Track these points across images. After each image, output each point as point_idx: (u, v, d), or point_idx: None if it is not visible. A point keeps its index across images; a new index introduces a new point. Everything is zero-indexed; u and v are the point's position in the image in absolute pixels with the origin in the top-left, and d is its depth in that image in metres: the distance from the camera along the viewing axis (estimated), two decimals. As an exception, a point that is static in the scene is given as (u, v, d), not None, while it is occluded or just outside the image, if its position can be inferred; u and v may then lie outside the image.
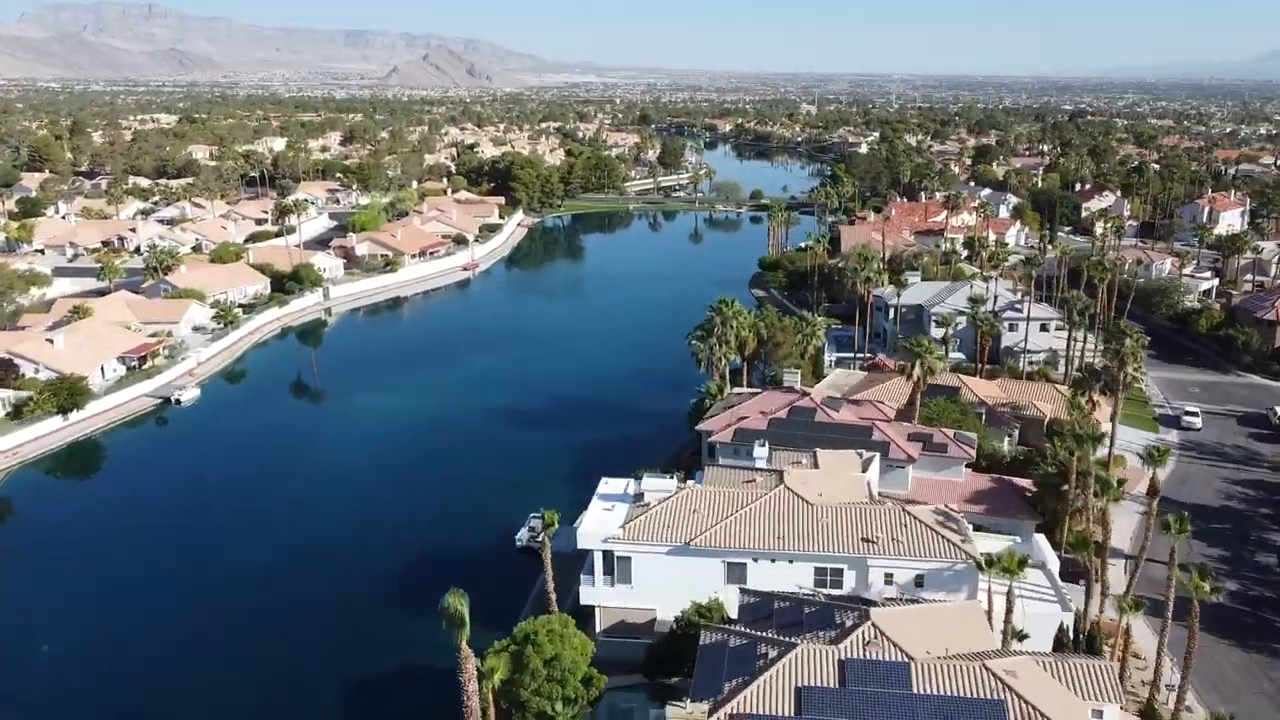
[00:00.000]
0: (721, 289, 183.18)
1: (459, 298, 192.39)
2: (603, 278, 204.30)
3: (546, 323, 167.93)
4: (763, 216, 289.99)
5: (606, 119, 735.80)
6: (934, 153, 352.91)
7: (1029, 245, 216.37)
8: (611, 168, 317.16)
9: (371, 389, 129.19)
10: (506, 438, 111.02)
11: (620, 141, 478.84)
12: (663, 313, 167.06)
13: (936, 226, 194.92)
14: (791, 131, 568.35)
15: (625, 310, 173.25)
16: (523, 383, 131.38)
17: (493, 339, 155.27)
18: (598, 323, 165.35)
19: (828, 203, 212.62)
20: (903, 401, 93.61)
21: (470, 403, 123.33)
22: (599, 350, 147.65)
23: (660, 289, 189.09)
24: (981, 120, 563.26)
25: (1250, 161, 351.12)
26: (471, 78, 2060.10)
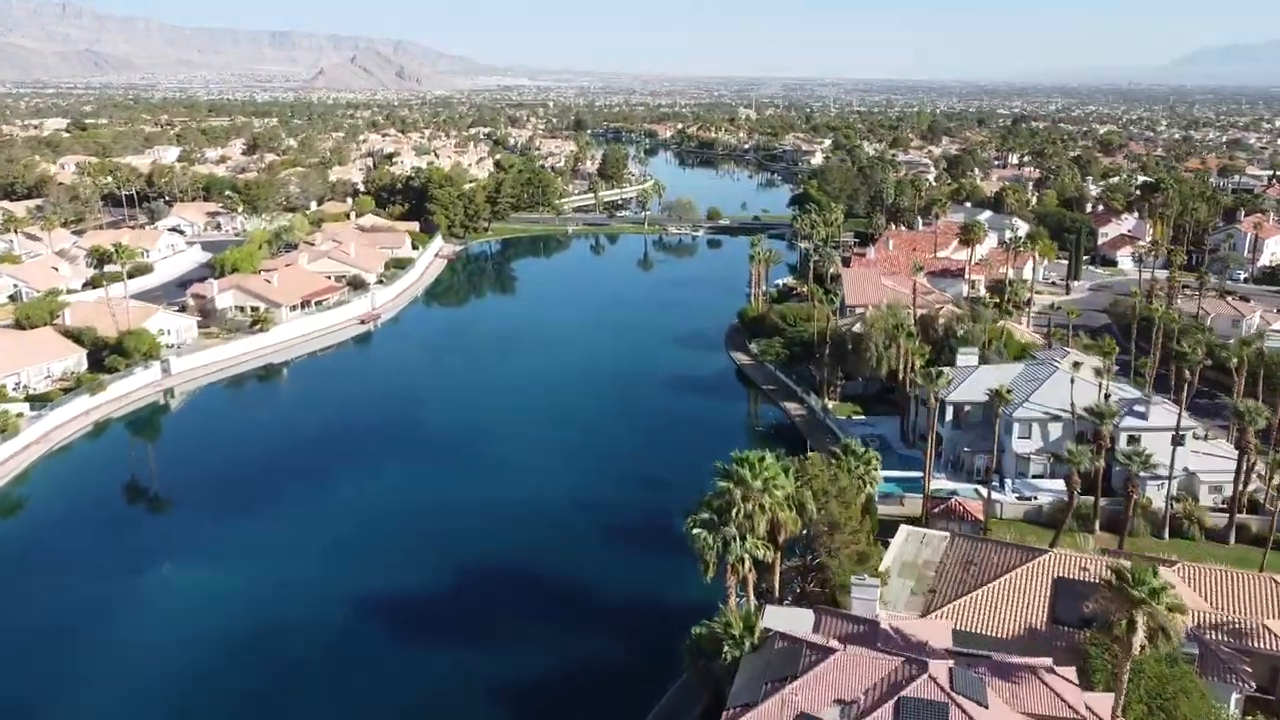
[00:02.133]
0: (693, 352, 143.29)
1: (353, 360, 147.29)
2: (538, 328, 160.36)
3: (462, 405, 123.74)
4: (721, 240, 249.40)
5: (540, 124, 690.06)
6: (902, 164, 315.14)
7: (1049, 280, 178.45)
8: (547, 183, 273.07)
9: (197, 545, 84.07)
10: (385, 655, 67.29)
11: (555, 149, 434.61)
12: (620, 389, 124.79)
13: (954, 265, 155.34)
14: (737, 138, 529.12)
15: (569, 384, 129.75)
16: (421, 540, 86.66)
17: (384, 438, 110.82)
18: (532, 408, 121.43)
19: (813, 233, 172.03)
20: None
21: (340, 574, 78.93)
22: (531, 462, 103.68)
23: (612, 347, 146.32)
24: (934, 126, 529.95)
25: (1236, 173, 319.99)
26: (401, 80, 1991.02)
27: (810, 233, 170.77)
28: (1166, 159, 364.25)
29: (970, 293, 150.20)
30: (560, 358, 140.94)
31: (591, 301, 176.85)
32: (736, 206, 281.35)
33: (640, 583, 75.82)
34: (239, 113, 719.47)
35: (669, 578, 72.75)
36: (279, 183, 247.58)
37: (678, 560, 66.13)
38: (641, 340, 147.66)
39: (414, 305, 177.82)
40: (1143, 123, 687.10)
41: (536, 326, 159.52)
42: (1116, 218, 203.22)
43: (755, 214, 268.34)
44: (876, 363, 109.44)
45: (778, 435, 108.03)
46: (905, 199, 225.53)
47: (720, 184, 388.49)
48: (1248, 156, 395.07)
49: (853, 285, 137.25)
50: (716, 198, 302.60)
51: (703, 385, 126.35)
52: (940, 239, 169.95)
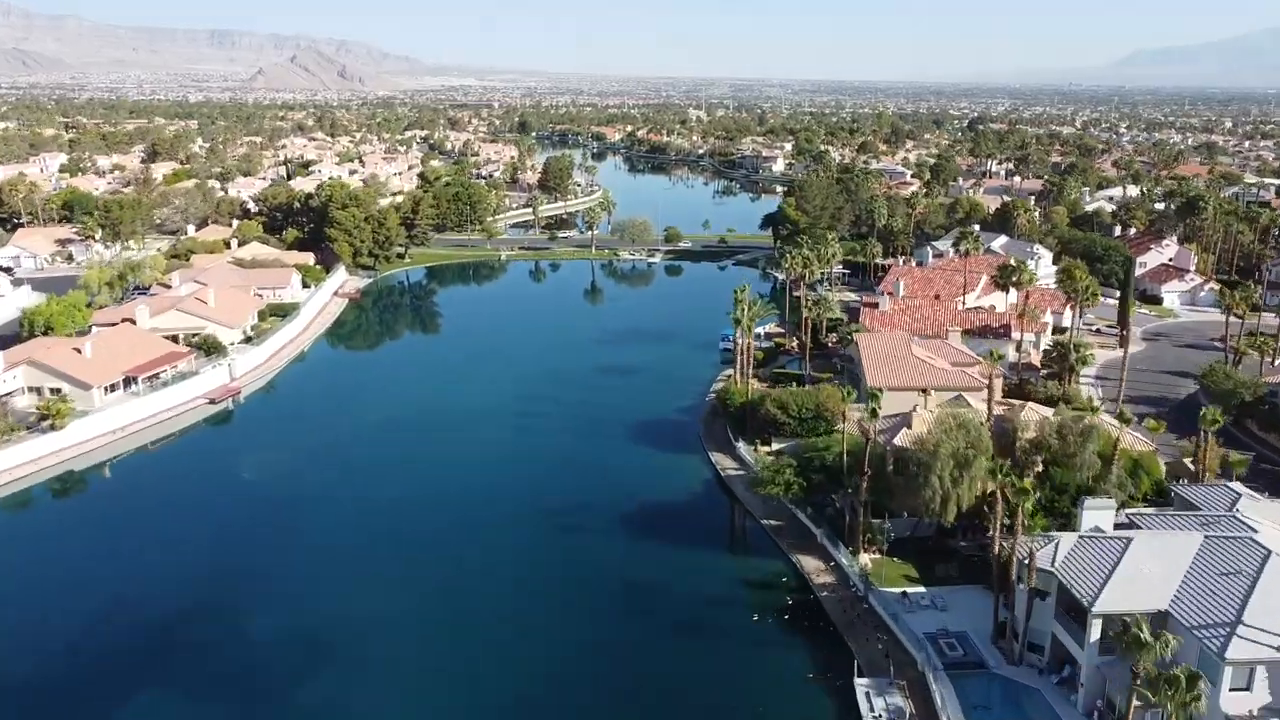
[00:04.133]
0: (657, 452, 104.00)
1: (191, 458, 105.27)
2: (446, 413, 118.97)
3: (344, 542, 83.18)
4: (681, 266, 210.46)
5: (482, 125, 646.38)
6: (877, 173, 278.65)
7: (1091, 327, 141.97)
8: (478, 198, 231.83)
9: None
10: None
11: (495, 155, 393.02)
12: (553, 527, 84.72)
13: (993, 319, 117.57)
14: (690, 142, 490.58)
15: (473, 519, 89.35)
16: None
17: (223, 603, 70.19)
18: (443, 556, 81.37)
19: (805, 273, 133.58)
20: None
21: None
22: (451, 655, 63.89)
23: (545, 445, 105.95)
24: (896, 129, 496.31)
25: (1235, 182, 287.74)
26: (343, 80, 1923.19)
27: (802, 273, 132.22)
28: (1152, 165, 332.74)
29: (1021, 357, 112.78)
30: (469, 466, 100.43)
31: (523, 363, 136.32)
32: (696, 222, 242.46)
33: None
34: (165, 114, 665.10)
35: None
36: (152, 202, 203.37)
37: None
38: (586, 432, 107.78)
39: (296, 366, 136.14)
40: (1101, 124, 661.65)
41: (443, 410, 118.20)
42: (1156, 243, 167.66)
43: (720, 234, 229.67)
44: (941, 504, 71.29)
45: (790, 621, 69.44)
46: (898, 220, 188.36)
47: (675, 193, 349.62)
48: (1235, 163, 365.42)
49: (874, 359, 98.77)
50: (673, 211, 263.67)
51: (672, 516, 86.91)
52: (958, 274, 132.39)
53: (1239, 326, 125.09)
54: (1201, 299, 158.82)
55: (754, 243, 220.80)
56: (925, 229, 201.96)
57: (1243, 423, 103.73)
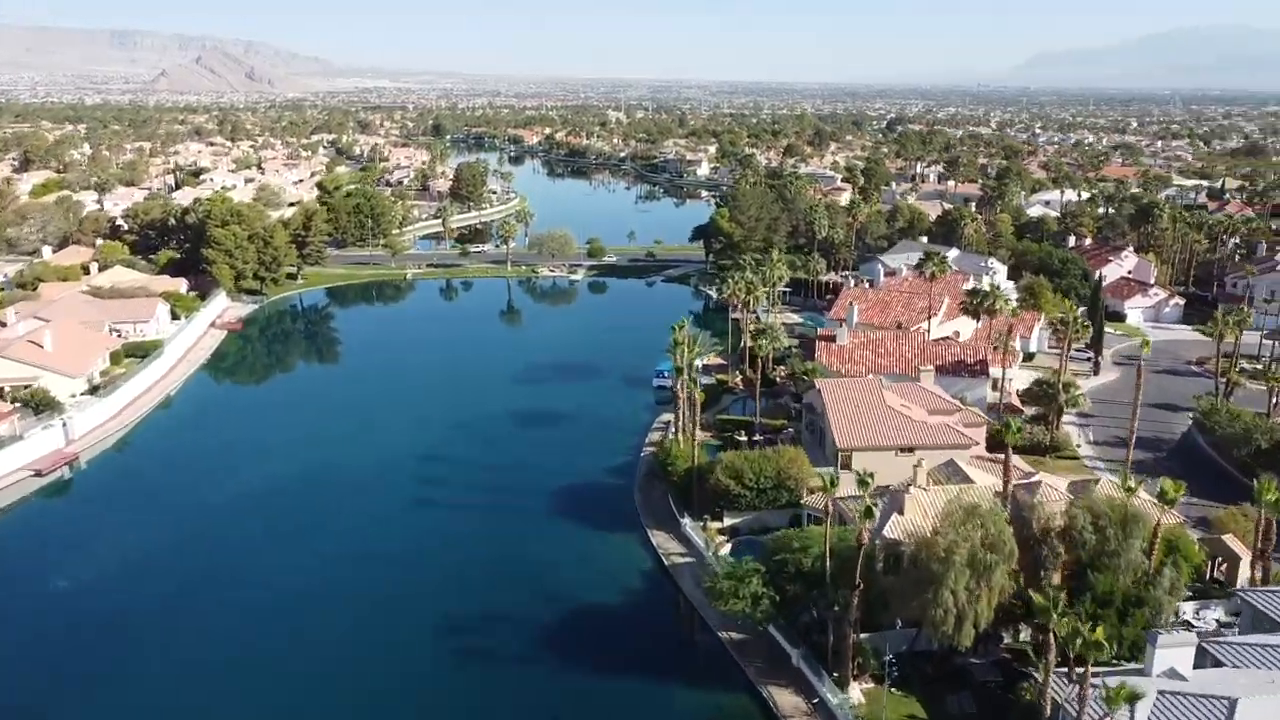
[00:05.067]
0: (585, 531, 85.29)
1: (20, 540, 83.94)
2: (344, 467, 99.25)
3: (156, 673, 63.35)
4: (606, 283, 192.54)
5: (395, 128, 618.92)
6: (807, 177, 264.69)
7: (1053, 348, 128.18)
8: (382, 210, 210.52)
9: None
10: None
11: (405, 160, 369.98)
12: (482, 643, 66.10)
13: (967, 354, 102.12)
14: (611, 145, 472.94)
15: (382, 624, 70.63)
16: None
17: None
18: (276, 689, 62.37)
19: (749, 299, 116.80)
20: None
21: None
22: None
23: (461, 523, 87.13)
24: (820, 132, 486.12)
25: (1165, 184, 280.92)
26: (251, 82, 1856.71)
27: (746, 298, 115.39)
28: (1078, 166, 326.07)
29: (1002, 397, 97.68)
30: (353, 562, 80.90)
31: (427, 408, 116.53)
32: (620, 232, 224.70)
33: None
34: (54, 118, 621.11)
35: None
36: (4, 220, 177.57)
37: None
38: (498, 504, 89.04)
39: (159, 417, 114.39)
40: (1016, 125, 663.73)
41: (329, 474, 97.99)
42: (1115, 255, 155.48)
43: (647, 247, 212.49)
44: (955, 624, 54.84)
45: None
46: (838, 231, 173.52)
47: (597, 199, 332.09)
48: (1157, 163, 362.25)
49: (842, 412, 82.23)
50: (595, 219, 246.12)
51: (604, 628, 68.74)
52: (917, 296, 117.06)
53: (1222, 350, 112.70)
54: (1166, 315, 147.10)
55: (684, 255, 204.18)
56: (866, 239, 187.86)
57: (1253, 470, 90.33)
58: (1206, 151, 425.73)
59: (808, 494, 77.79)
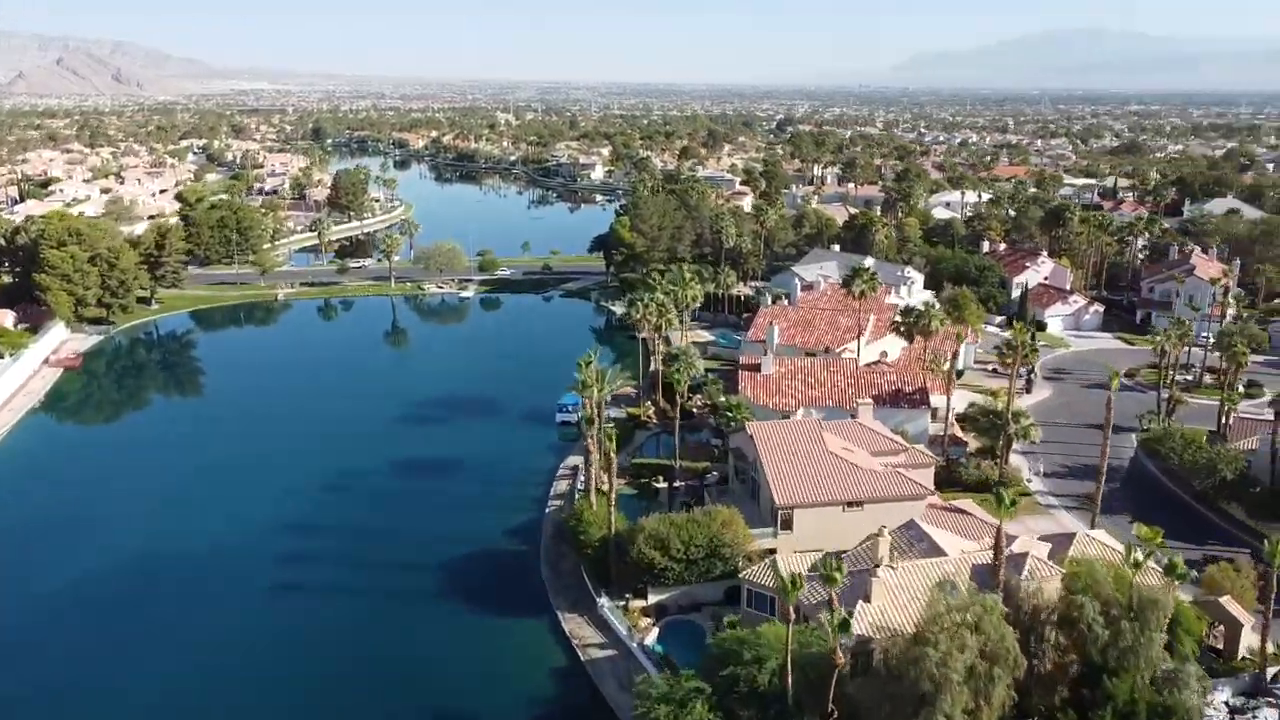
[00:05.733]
0: (484, 619, 67.43)
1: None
2: (189, 547, 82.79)
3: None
4: (500, 299, 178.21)
5: (272, 132, 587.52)
6: (707, 184, 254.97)
7: (986, 367, 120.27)
8: (250, 224, 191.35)
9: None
10: None
11: (281, 167, 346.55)
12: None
13: (903, 381, 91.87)
14: (501, 148, 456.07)
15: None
16: None
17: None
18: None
19: (662, 324, 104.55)
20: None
21: None
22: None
23: (332, 619, 72.26)
24: (714, 133, 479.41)
25: (1056, 183, 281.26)
26: (118, 84, 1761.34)
27: (659, 323, 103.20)
28: (970, 166, 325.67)
29: (947, 429, 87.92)
30: (194, 688, 65.59)
31: (294, 465, 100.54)
32: (514, 242, 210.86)
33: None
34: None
35: None
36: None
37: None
38: (378, 586, 74.57)
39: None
40: (902, 124, 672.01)
41: (171, 558, 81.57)
42: (1032, 261, 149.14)
43: (544, 258, 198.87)
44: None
45: None
46: (746, 240, 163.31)
47: (488, 206, 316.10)
48: (1047, 164, 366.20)
49: (780, 463, 70.81)
50: (487, 228, 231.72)
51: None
52: (840, 314, 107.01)
53: (1162, 363, 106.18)
54: (1087, 322, 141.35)
55: (582, 266, 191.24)
56: (774, 247, 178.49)
57: (1215, 501, 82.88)
58: (1087, 150, 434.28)
59: (744, 560, 66.18)
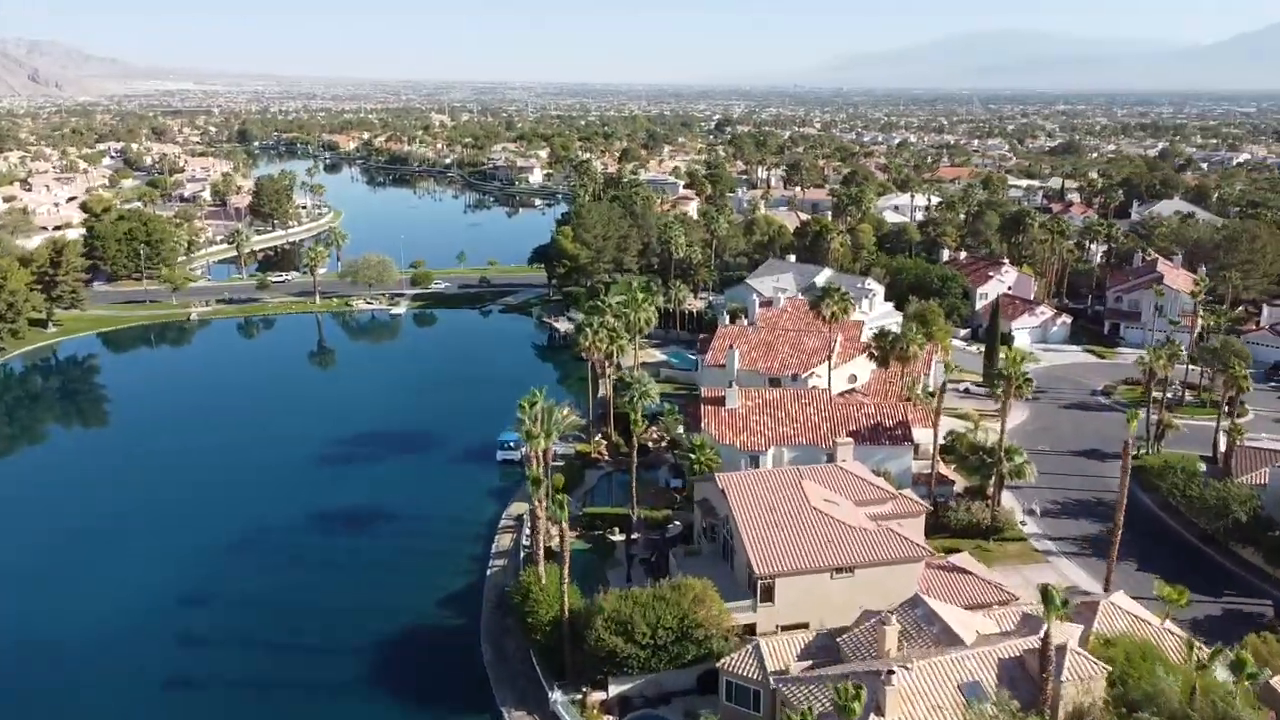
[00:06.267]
0: (433, 702, 56.62)
1: None
2: (61, 635, 70.65)
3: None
4: (435, 315, 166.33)
5: (195, 135, 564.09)
6: (650, 189, 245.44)
7: (959, 387, 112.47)
8: (162, 236, 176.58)
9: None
10: None
11: (202, 171, 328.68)
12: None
13: (887, 418, 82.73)
14: (435, 150, 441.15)
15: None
16: None
17: None
18: None
19: (613, 350, 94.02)
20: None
21: None
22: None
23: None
24: (654, 135, 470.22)
25: (1001, 185, 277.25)
26: (35, 85, 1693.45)
27: (609, 350, 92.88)
28: (913, 167, 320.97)
29: (931, 466, 79.17)
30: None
31: (198, 521, 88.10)
32: (449, 251, 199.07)
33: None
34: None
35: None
36: None
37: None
38: (288, 678, 63.29)
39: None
40: (841, 125, 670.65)
41: (48, 626, 69.66)
42: (995, 270, 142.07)
43: (481, 269, 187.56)
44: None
45: None
46: (697, 251, 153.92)
47: (423, 212, 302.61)
48: (988, 165, 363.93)
49: (756, 523, 61.14)
50: (421, 236, 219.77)
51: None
52: (806, 335, 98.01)
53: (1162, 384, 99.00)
54: (1054, 335, 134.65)
55: (522, 278, 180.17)
56: (725, 256, 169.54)
57: (1225, 544, 75.46)
58: (1026, 150, 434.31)
59: (720, 640, 56.39)
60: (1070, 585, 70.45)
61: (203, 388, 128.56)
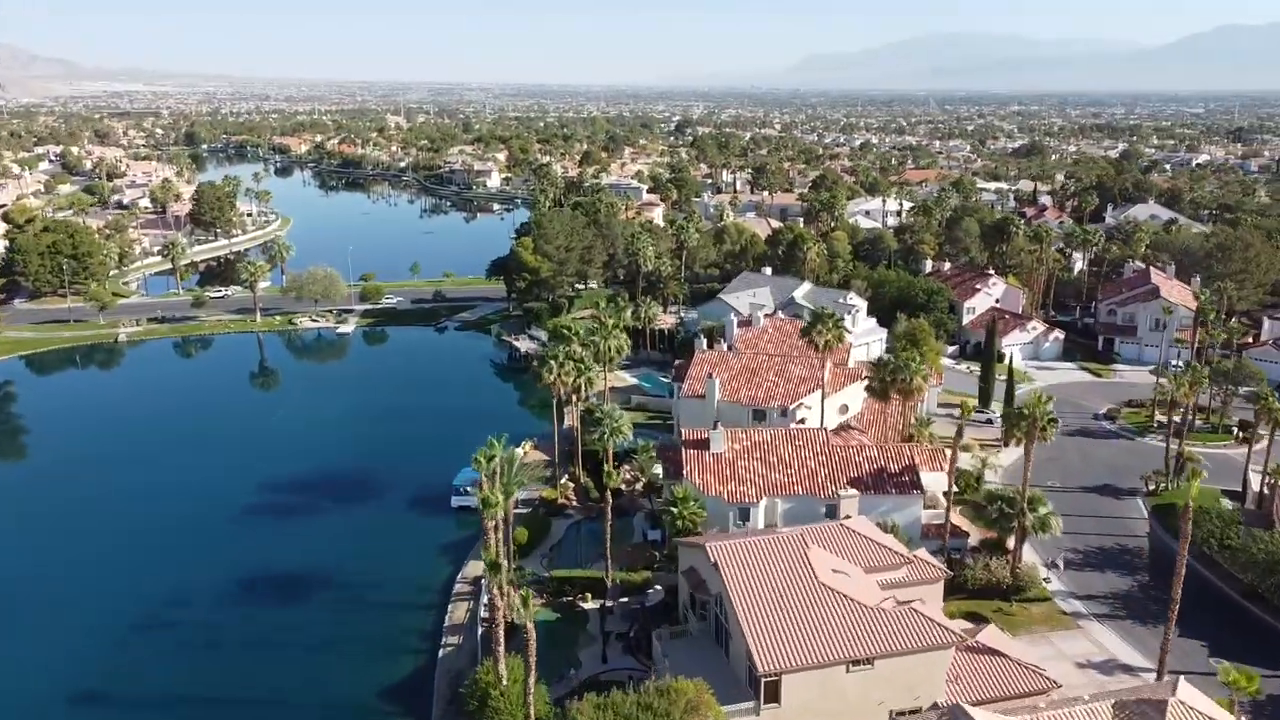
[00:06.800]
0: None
1: None
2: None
3: None
4: (387, 332, 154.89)
5: (141, 138, 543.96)
6: (614, 195, 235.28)
7: (945, 409, 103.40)
8: (89, 249, 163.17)
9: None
10: None
11: (142, 176, 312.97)
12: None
13: (892, 463, 73.33)
14: (390, 153, 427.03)
15: None
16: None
17: None
18: None
19: (580, 384, 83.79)
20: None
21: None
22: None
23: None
24: (614, 136, 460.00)
25: (970, 189, 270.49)
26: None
27: (577, 383, 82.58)
28: (880, 169, 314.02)
29: (946, 518, 69.79)
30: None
31: (106, 588, 76.82)
32: (403, 261, 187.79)
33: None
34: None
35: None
36: None
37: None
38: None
39: None
40: (803, 126, 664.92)
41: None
42: (982, 282, 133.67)
43: (436, 280, 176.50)
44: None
45: None
46: (666, 262, 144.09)
47: (376, 218, 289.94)
48: (952, 167, 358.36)
49: (757, 606, 51.40)
50: (372, 245, 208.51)
51: None
52: (792, 363, 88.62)
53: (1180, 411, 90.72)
54: (1046, 351, 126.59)
55: (480, 291, 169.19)
56: (695, 267, 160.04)
57: (1272, 602, 67.03)
58: (989, 152, 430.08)
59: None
60: (1109, 658, 61.81)
61: (127, 420, 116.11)
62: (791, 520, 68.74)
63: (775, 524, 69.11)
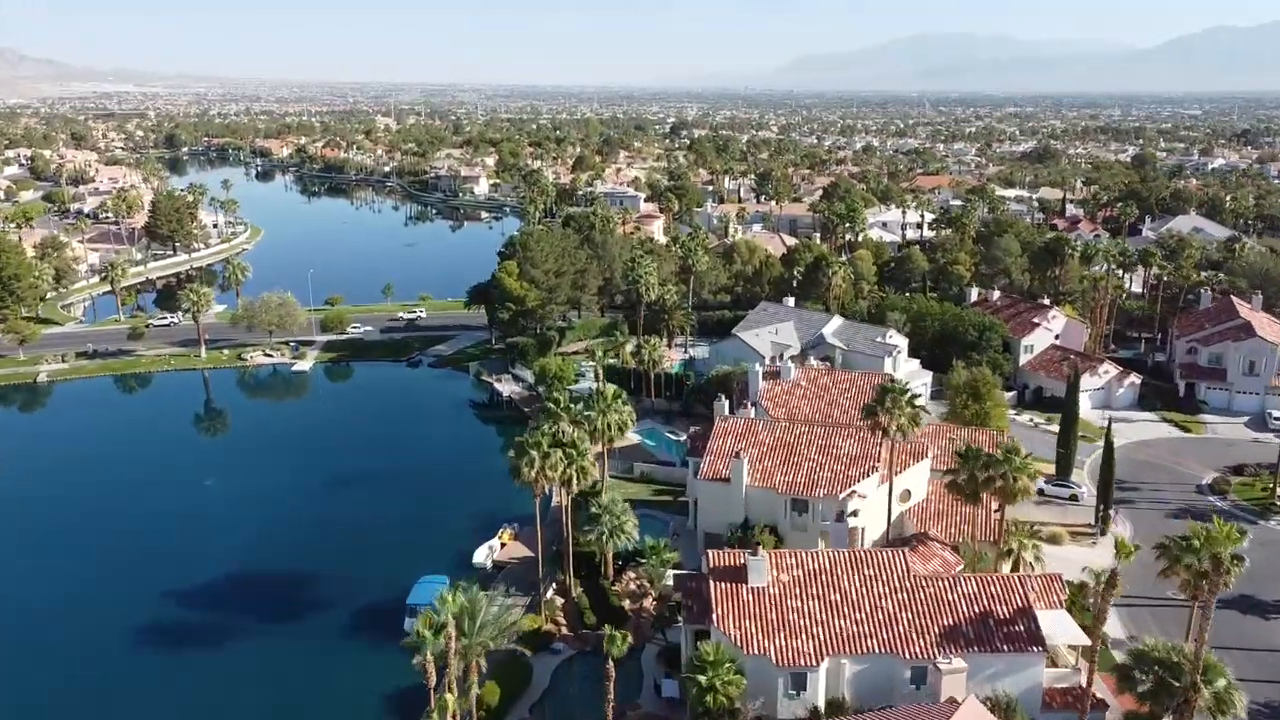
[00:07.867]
0: None
1: None
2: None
3: None
4: (352, 369, 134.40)
5: (120, 140, 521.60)
6: (614, 205, 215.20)
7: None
8: (17, 271, 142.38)
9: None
10: None
11: (109, 182, 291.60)
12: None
13: (1002, 607, 53.93)
14: (374, 157, 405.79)
15: None
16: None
17: None
18: None
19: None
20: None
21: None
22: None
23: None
24: (608, 139, 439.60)
25: (991, 197, 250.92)
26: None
27: (566, 475, 62.59)
28: (889, 175, 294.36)
29: (1087, 683, 50.04)
30: None
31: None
32: (376, 278, 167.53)
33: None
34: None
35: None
36: None
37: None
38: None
39: None
40: (803, 128, 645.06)
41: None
42: (1040, 315, 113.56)
43: (410, 305, 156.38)
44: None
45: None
46: (670, 291, 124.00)
47: (356, 227, 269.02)
48: (963, 172, 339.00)
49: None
50: (348, 260, 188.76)
51: None
52: (842, 437, 68.89)
53: None
54: (1120, 399, 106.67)
55: (459, 317, 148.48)
56: (702, 294, 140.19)
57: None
58: (999, 157, 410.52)
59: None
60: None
61: (27, 497, 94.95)
62: (865, 690, 48.95)
63: (842, 697, 49.24)
